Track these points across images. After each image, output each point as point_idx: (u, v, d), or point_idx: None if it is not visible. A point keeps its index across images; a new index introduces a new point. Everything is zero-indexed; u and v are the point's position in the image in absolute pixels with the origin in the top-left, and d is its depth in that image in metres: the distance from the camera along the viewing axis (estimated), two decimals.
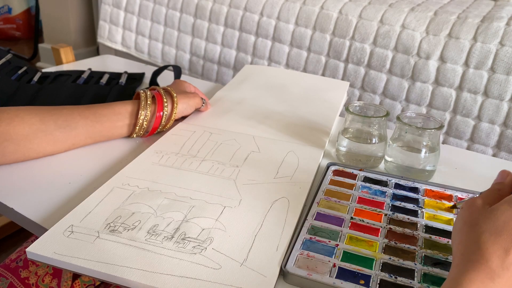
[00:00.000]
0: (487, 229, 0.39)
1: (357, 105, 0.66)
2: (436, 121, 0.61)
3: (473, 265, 0.37)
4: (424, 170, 0.61)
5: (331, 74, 1.21)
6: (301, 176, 0.60)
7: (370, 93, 1.16)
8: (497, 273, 0.36)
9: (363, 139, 0.64)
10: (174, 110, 0.69)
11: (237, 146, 0.66)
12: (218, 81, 1.41)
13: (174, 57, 1.49)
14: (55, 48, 1.03)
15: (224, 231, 0.48)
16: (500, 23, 1.01)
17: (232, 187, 0.56)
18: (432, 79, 1.07)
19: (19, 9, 2.94)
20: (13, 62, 0.92)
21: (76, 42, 2.24)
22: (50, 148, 0.61)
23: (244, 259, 0.44)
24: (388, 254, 0.46)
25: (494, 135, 1.02)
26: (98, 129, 0.64)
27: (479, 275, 0.36)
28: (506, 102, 1.00)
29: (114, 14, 1.58)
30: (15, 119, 0.57)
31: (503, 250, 0.37)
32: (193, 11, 1.41)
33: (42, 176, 0.58)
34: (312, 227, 0.50)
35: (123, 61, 1.11)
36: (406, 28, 1.10)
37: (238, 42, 1.35)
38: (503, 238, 0.37)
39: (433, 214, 0.53)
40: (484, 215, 0.40)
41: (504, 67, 0.99)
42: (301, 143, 0.68)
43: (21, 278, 0.65)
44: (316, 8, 1.22)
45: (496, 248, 0.37)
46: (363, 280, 0.43)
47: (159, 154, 0.63)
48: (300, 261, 0.45)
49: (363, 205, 0.54)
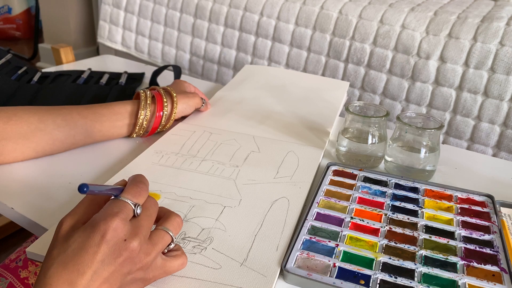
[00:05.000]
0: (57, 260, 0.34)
1: (357, 105, 0.66)
2: (436, 121, 0.61)
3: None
4: (424, 170, 0.61)
5: (331, 74, 1.21)
6: (301, 176, 0.59)
7: (370, 93, 1.16)
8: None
9: (363, 139, 0.64)
10: (174, 110, 0.69)
11: (237, 146, 0.66)
12: (218, 81, 1.41)
13: (174, 57, 1.49)
14: (55, 48, 1.03)
15: (224, 231, 0.48)
16: (500, 23, 1.01)
17: (232, 187, 0.56)
18: (432, 79, 1.07)
19: (19, 9, 2.94)
20: (13, 62, 0.92)
21: (76, 42, 2.24)
22: (49, 148, 0.61)
23: (244, 259, 0.44)
24: (388, 254, 0.46)
25: (494, 135, 1.02)
26: (97, 129, 0.63)
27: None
28: (506, 102, 1.00)
29: (114, 14, 1.58)
30: (13, 118, 0.57)
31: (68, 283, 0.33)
32: (193, 11, 1.41)
33: (42, 176, 0.58)
34: (312, 227, 0.50)
35: (123, 61, 1.11)
36: (406, 28, 1.10)
37: (238, 42, 1.35)
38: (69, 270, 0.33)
39: (433, 214, 0.53)
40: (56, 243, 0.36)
41: (504, 67, 0.99)
42: (301, 143, 0.68)
43: (20, 278, 0.65)
44: (316, 8, 1.22)
45: (62, 282, 0.33)
46: (363, 280, 0.43)
47: (159, 154, 0.63)
48: (300, 261, 0.45)
49: (363, 205, 0.54)
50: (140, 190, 0.40)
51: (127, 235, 0.36)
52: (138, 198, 0.39)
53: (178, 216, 0.42)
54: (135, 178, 0.41)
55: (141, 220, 0.38)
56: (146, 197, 0.40)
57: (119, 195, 0.38)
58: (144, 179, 0.42)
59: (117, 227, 0.35)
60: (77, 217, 0.38)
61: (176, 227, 0.41)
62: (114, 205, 0.37)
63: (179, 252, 0.42)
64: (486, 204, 0.56)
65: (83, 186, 0.35)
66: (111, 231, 0.35)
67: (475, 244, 0.48)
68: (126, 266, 0.36)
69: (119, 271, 0.35)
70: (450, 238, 0.49)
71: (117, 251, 0.35)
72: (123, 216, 0.36)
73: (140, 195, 0.39)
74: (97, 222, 0.35)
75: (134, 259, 0.36)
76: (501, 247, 0.48)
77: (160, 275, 0.40)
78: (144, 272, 0.38)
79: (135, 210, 0.38)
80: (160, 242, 0.39)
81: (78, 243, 0.35)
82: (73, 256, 0.34)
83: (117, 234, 0.35)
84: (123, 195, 0.38)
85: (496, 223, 0.52)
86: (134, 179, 0.41)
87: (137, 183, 0.40)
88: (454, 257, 0.46)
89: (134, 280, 0.38)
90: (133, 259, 0.36)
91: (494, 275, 0.44)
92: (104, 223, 0.35)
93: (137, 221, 0.38)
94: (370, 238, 0.48)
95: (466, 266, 0.45)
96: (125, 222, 0.36)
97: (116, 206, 0.37)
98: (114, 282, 0.35)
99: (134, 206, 0.38)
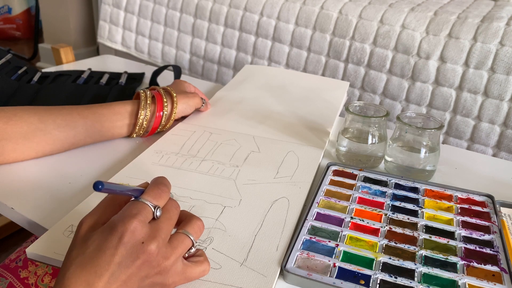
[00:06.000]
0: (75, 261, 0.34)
1: (357, 105, 0.66)
2: (436, 121, 0.61)
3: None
4: (424, 170, 0.61)
5: (331, 74, 1.21)
6: (301, 176, 0.59)
7: (370, 93, 1.16)
8: None
9: (363, 139, 0.64)
10: (174, 110, 0.69)
11: (237, 146, 0.66)
12: (218, 81, 1.41)
13: (174, 57, 1.49)
14: (55, 48, 1.03)
15: (224, 231, 0.48)
16: (500, 23, 1.01)
17: (232, 187, 0.56)
18: (432, 79, 1.07)
19: (19, 9, 2.94)
20: (13, 62, 0.92)
21: (76, 42, 2.24)
22: (49, 148, 0.61)
23: (244, 259, 0.44)
24: (388, 254, 0.46)
25: (494, 135, 1.02)
26: (97, 129, 0.63)
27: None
28: (506, 102, 1.00)
29: (114, 14, 1.58)
30: (13, 118, 0.57)
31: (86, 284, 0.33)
32: (193, 11, 1.41)
33: (42, 176, 0.58)
34: (312, 227, 0.50)
35: (123, 61, 1.11)
36: (406, 28, 1.10)
37: (238, 42, 1.35)
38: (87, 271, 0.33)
39: (433, 214, 0.53)
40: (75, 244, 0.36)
41: (504, 67, 0.99)
42: (301, 143, 0.68)
43: (20, 278, 0.65)
44: (316, 8, 1.22)
45: (79, 284, 0.33)
46: (363, 280, 0.43)
47: (159, 154, 0.63)
48: (300, 261, 0.45)
49: (363, 205, 0.54)
50: (161, 192, 0.39)
51: (145, 237, 0.35)
52: (159, 200, 0.38)
53: (199, 220, 0.41)
54: (156, 180, 0.40)
55: (160, 223, 0.37)
56: (167, 200, 0.39)
57: (139, 196, 0.38)
58: (166, 181, 0.41)
59: (135, 229, 0.35)
60: (96, 218, 0.38)
61: (197, 231, 0.40)
62: (133, 207, 0.36)
63: (202, 258, 0.41)
64: (486, 204, 0.56)
65: (98, 183, 0.34)
66: (129, 233, 0.34)
67: (475, 244, 0.48)
68: (143, 269, 0.35)
69: (137, 274, 0.35)
70: (450, 238, 0.49)
71: (134, 253, 0.34)
72: (142, 218, 0.36)
73: (161, 197, 0.38)
74: (115, 224, 0.35)
75: (152, 262, 0.36)
76: (501, 247, 0.48)
77: (180, 281, 0.39)
78: (163, 276, 0.37)
79: (154, 212, 0.37)
80: (180, 246, 0.38)
81: (96, 244, 0.34)
82: (91, 257, 0.34)
83: (135, 237, 0.35)
84: (143, 196, 0.38)
85: (496, 223, 0.52)
86: (155, 181, 0.40)
87: (158, 185, 0.39)
88: (454, 257, 0.46)
89: (152, 285, 0.37)
90: (151, 262, 0.35)
91: (494, 275, 0.44)
92: (122, 224, 0.35)
93: (156, 223, 0.37)
94: (370, 238, 0.48)
95: (466, 266, 0.45)
96: (143, 224, 0.36)
97: (135, 208, 0.36)
98: (132, 285, 0.35)
99: (154, 208, 0.37)
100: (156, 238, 0.36)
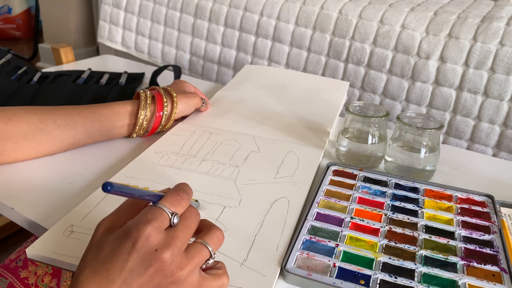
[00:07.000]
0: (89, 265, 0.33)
1: (357, 105, 0.66)
2: (436, 121, 0.61)
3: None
4: (424, 170, 0.61)
5: (331, 74, 1.21)
6: (301, 176, 0.59)
7: (370, 93, 1.16)
8: None
9: (363, 139, 0.64)
10: (174, 110, 0.69)
11: (237, 146, 0.66)
12: (218, 81, 1.41)
13: (174, 57, 1.49)
14: (55, 48, 1.03)
15: (224, 231, 0.48)
16: (500, 23, 1.01)
17: (232, 187, 0.56)
18: (432, 79, 1.07)
19: (19, 9, 2.94)
20: (13, 62, 0.92)
21: (76, 42, 2.24)
22: (49, 148, 0.61)
23: (244, 259, 0.44)
24: (388, 254, 0.46)
25: (494, 135, 1.02)
26: (97, 129, 0.63)
27: None
28: (506, 102, 1.00)
29: (114, 14, 1.58)
30: (13, 118, 0.57)
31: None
32: (193, 11, 1.41)
33: (42, 176, 0.58)
34: (312, 227, 0.50)
35: (123, 61, 1.11)
36: (406, 28, 1.10)
37: (238, 42, 1.35)
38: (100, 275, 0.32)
39: (433, 214, 0.53)
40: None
41: (504, 67, 0.99)
42: (301, 143, 0.68)
43: (20, 278, 0.65)
44: (316, 8, 1.22)
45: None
46: (363, 280, 0.43)
47: (159, 154, 0.63)
48: (300, 261, 0.45)
49: (363, 205, 0.54)
50: (180, 199, 0.37)
51: (159, 245, 0.34)
52: (177, 207, 0.36)
53: (219, 230, 0.39)
54: (177, 186, 0.39)
55: (177, 231, 0.35)
56: (186, 207, 0.38)
57: (157, 202, 0.36)
58: (187, 188, 0.39)
59: (149, 235, 0.33)
60: (114, 221, 0.37)
61: (216, 241, 0.38)
62: (149, 212, 0.35)
63: (221, 271, 0.39)
64: (486, 204, 0.56)
65: (107, 184, 0.32)
66: (142, 239, 0.33)
67: (475, 244, 0.48)
68: (156, 278, 0.34)
69: (149, 282, 0.33)
70: (450, 238, 0.49)
71: (147, 261, 0.33)
72: (157, 224, 0.34)
73: (180, 204, 0.37)
74: (129, 229, 0.34)
75: (166, 271, 0.34)
76: (501, 247, 0.48)
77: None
78: (177, 287, 0.35)
79: (171, 219, 0.36)
80: (197, 256, 0.36)
81: (110, 249, 0.33)
82: (104, 262, 0.33)
83: (149, 243, 0.33)
84: (160, 202, 0.36)
85: (496, 223, 0.52)
86: (176, 187, 0.39)
87: (178, 191, 0.38)
88: (454, 257, 0.46)
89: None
90: (164, 271, 0.34)
91: (494, 275, 0.44)
92: (136, 230, 0.33)
93: (172, 231, 0.35)
94: (370, 238, 0.48)
95: (466, 266, 0.45)
96: (158, 231, 0.34)
97: (151, 213, 0.35)
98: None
99: (171, 215, 0.36)
100: (171, 246, 0.34)
